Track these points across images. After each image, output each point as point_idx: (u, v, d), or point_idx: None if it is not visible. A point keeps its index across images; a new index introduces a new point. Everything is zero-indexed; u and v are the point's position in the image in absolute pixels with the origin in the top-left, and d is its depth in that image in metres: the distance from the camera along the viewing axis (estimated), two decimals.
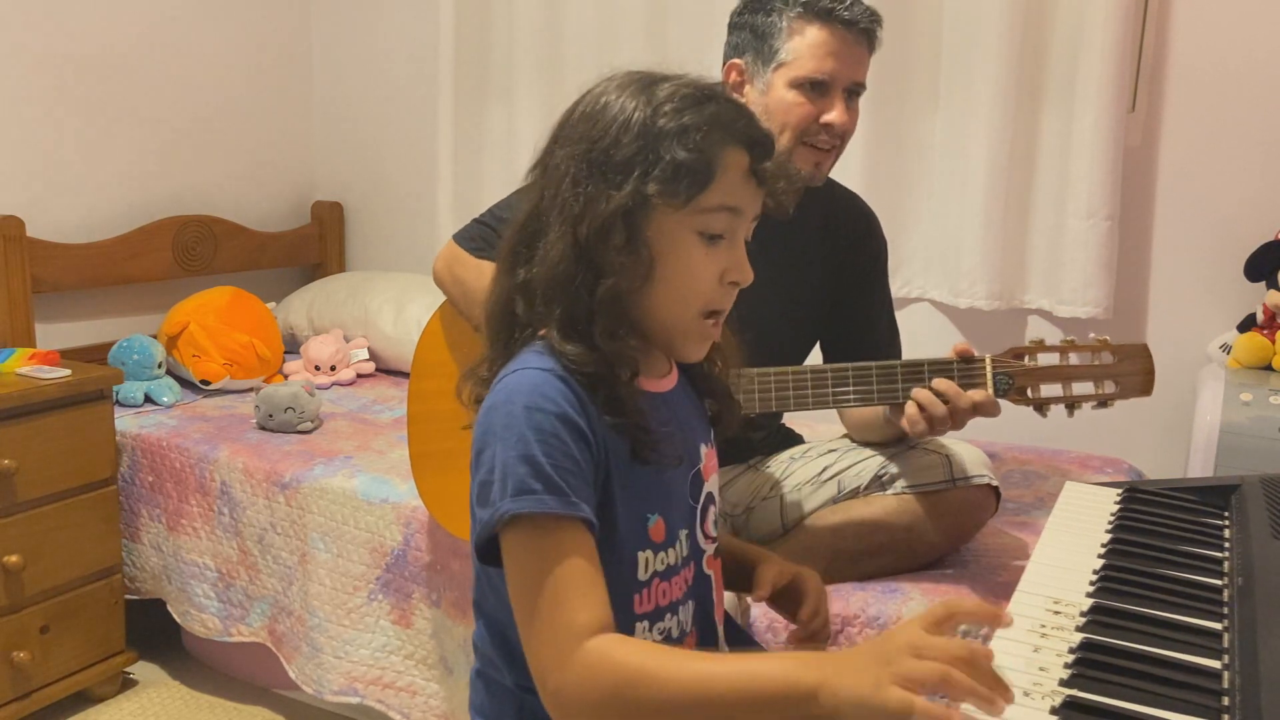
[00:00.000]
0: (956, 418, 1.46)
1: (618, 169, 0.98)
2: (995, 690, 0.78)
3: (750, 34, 1.62)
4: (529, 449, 0.92)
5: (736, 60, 1.64)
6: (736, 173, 0.99)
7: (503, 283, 1.05)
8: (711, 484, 1.13)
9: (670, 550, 1.06)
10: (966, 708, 0.79)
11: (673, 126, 0.97)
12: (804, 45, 1.57)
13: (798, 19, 1.57)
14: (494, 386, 0.99)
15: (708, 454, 1.13)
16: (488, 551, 0.96)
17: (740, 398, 1.53)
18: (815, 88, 1.57)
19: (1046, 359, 1.50)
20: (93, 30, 2.67)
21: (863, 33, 1.59)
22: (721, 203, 0.99)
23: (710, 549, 1.12)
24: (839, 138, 1.61)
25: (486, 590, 1.06)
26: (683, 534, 1.08)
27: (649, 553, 1.04)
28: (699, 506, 1.10)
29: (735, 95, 1.63)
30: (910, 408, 1.47)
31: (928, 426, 1.46)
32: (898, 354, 1.78)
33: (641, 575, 1.03)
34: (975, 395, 1.45)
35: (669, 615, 1.06)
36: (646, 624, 1.04)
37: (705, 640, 1.13)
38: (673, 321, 1.02)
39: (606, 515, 0.98)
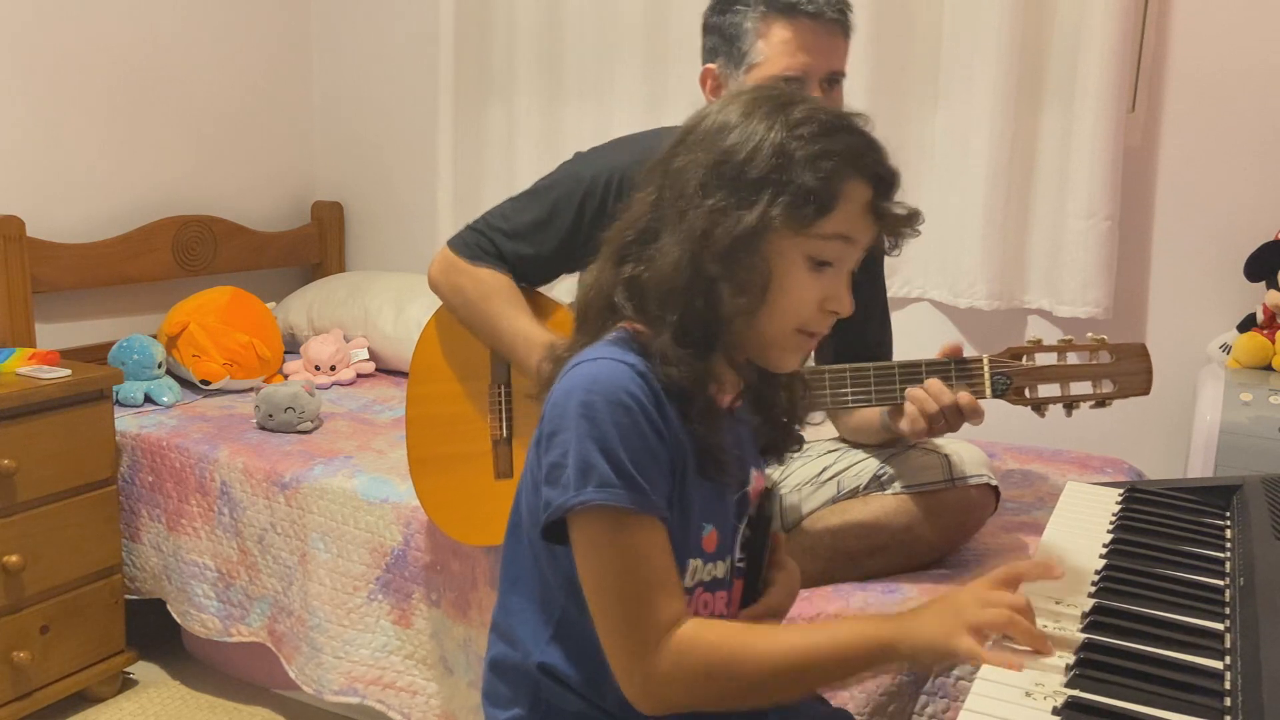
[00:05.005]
0: (947, 417, 1.45)
1: (748, 188, 0.97)
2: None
3: (719, 37, 1.60)
4: (610, 443, 0.94)
5: (710, 65, 1.62)
6: (857, 205, 1.00)
7: (607, 272, 1.05)
8: (754, 508, 1.14)
9: (720, 563, 1.07)
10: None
11: (805, 152, 0.97)
12: (772, 45, 1.54)
13: (762, 19, 1.54)
14: (569, 370, 1.00)
15: (756, 477, 1.13)
16: (548, 530, 0.99)
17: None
18: (789, 84, 1.54)
19: (1044, 359, 1.50)
20: (93, 31, 2.67)
21: (832, 22, 1.55)
22: (837, 231, 0.99)
23: (741, 568, 1.13)
24: None
25: (545, 565, 1.05)
26: (728, 555, 1.09)
27: (698, 561, 1.05)
28: (741, 527, 1.11)
29: (711, 99, 1.63)
30: (910, 409, 1.47)
31: (926, 426, 1.46)
32: (888, 353, 1.78)
33: (687, 582, 1.04)
34: (961, 397, 1.44)
35: None
36: None
37: None
38: (769, 335, 1.03)
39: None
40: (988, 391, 1.48)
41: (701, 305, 0.99)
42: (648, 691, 0.95)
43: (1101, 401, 1.49)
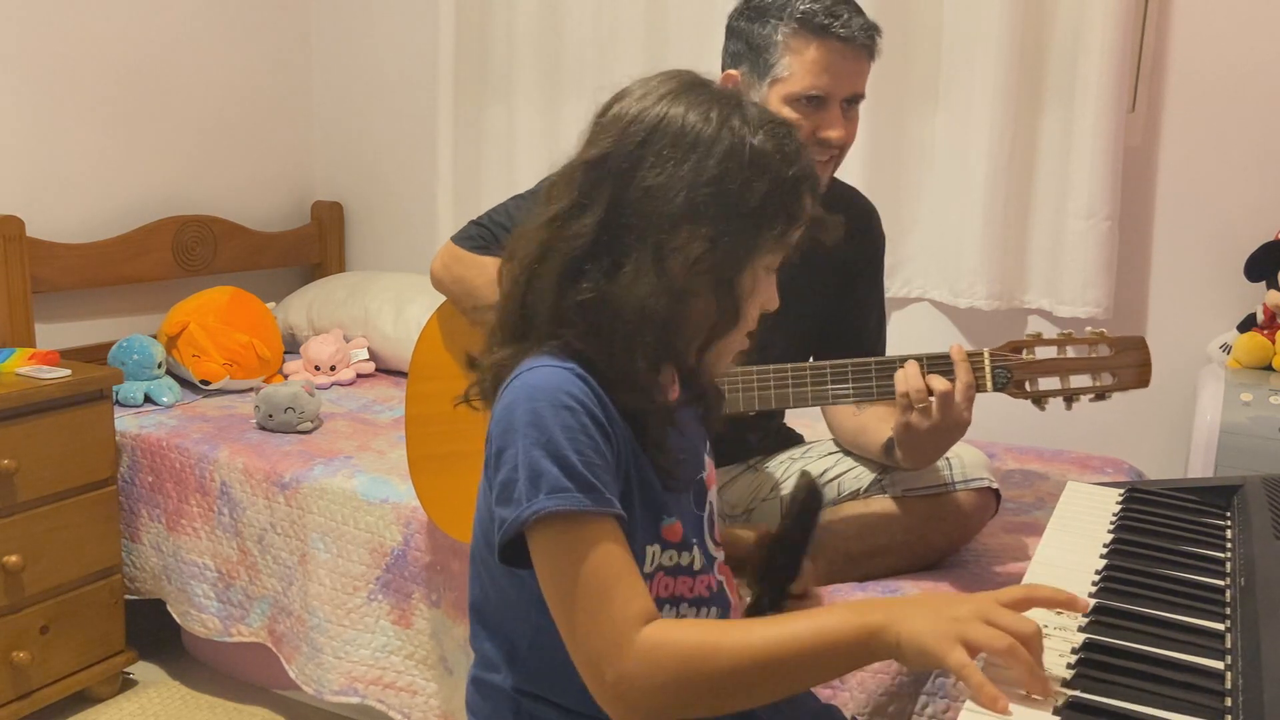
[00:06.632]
0: (941, 405, 1.42)
1: (757, 219, 0.96)
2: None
3: (746, 45, 1.60)
4: (558, 447, 0.92)
5: (733, 72, 1.62)
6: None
7: (549, 284, 0.99)
8: (712, 494, 1.13)
9: (685, 553, 1.05)
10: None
11: (796, 173, 0.97)
12: (799, 62, 1.54)
13: (793, 35, 1.54)
14: (509, 384, 0.98)
15: (708, 463, 1.13)
16: (506, 551, 0.95)
17: (740, 395, 1.53)
18: (812, 102, 1.55)
19: (1044, 352, 1.50)
20: (93, 31, 2.67)
21: (860, 47, 1.57)
22: (792, 243, 1.01)
23: (720, 556, 1.12)
24: (838, 149, 1.60)
25: (489, 591, 1.05)
26: (695, 543, 1.07)
27: (656, 547, 1.03)
28: (705, 516, 1.10)
29: None
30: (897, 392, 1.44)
31: (921, 416, 1.43)
32: (883, 352, 1.78)
33: (645, 568, 1.02)
34: (933, 380, 1.42)
35: (668, 608, 1.05)
36: None
37: None
38: (729, 346, 1.04)
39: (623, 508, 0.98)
40: (989, 385, 1.48)
41: (671, 333, 0.98)
42: (620, 694, 0.90)
43: (1101, 394, 1.49)
